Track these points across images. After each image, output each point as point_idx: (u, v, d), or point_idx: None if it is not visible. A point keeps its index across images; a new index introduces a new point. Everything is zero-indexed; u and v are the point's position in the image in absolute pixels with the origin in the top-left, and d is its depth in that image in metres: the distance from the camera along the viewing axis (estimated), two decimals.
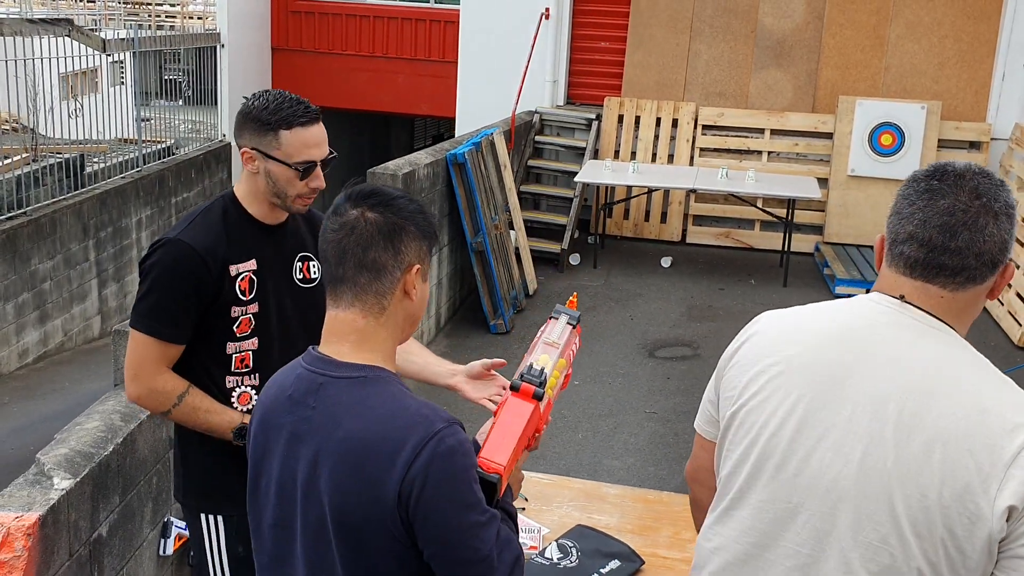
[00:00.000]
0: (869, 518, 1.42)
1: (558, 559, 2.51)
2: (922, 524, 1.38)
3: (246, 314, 2.27)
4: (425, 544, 1.50)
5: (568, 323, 1.92)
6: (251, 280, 2.27)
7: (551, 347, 1.84)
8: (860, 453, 1.42)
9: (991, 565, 1.38)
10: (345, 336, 1.59)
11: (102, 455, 2.90)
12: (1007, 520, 1.35)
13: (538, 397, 1.70)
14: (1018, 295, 6.97)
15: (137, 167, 9.02)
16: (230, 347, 2.27)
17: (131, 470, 3.11)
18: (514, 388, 1.71)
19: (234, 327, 2.26)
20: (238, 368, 2.29)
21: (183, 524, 3.49)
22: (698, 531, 1.77)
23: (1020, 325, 6.77)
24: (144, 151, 9.23)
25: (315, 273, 2.39)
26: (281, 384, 1.64)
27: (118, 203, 8.59)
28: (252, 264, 2.27)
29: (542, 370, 1.76)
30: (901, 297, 1.50)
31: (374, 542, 1.51)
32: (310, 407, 1.56)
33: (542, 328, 1.90)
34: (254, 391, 2.31)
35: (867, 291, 7.18)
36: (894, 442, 1.40)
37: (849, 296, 7.19)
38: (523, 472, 1.80)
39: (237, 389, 2.31)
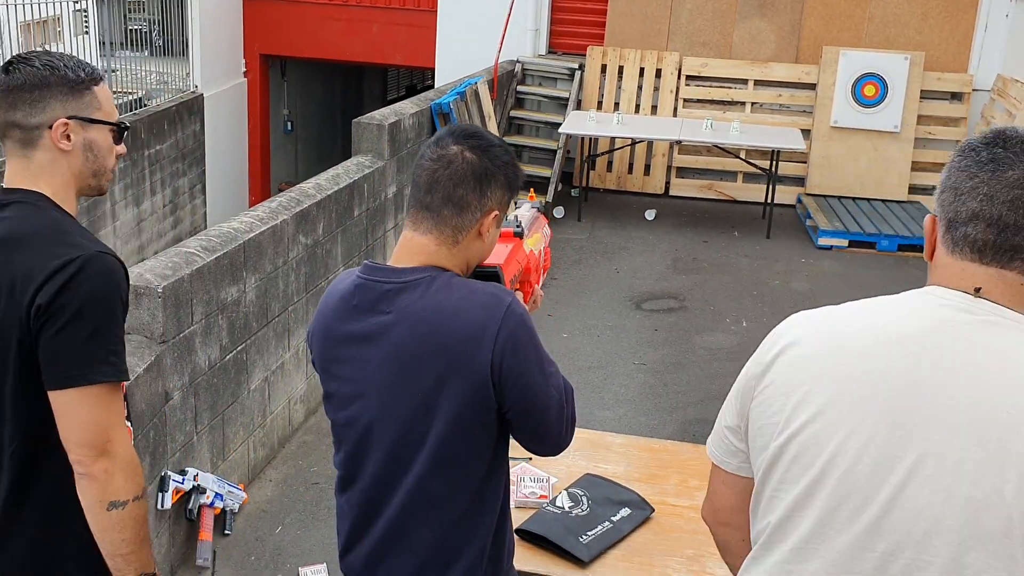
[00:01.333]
0: (986, 562, 1.18)
1: (569, 507, 2.51)
2: None
3: None
4: (515, 402, 1.71)
5: (531, 207, 2.22)
6: None
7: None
8: (968, 485, 1.19)
9: None
10: (415, 256, 1.74)
11: None
12: None
13: (518, 235, 1.98)
14: None
15: None
16: None
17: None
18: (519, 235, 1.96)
19: None
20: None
21: (180, 478, 3.45)
22: None
23: None
24: (114, 103, 9.01)
25: None
26: (341, 295, 1.78)
27: None
28: None
29: (516, 217, 2.06)
30: (976, 291, 1.27)
31: (467, 417, 1.70)
32: (383, 312, 1.71)
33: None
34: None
35: (850, 243, 7.26)
36: (1010, 467, 1.18)
37: (832, 248, 7.26)
38: None
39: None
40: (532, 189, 2.60)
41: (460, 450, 1.73)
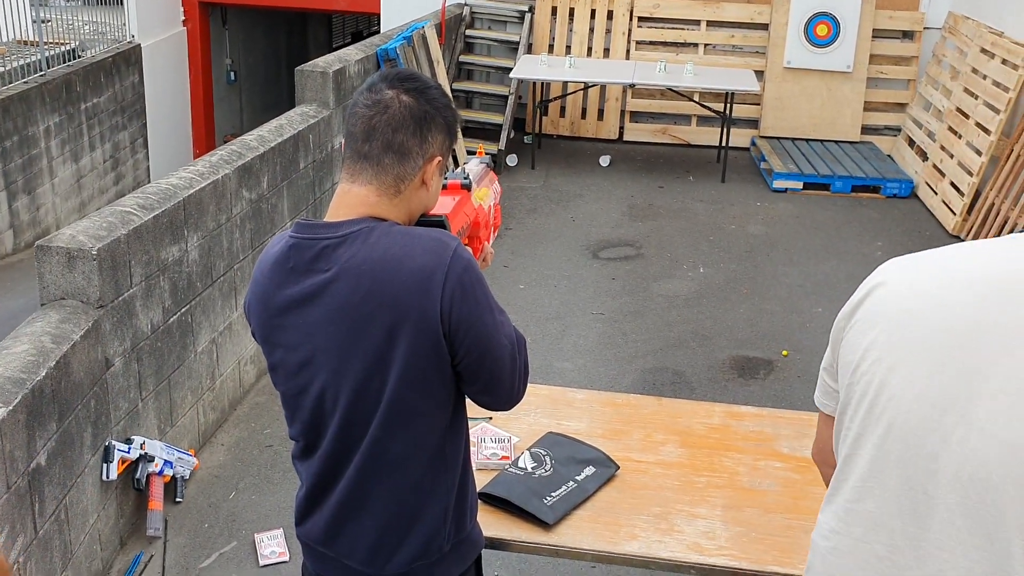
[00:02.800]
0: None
1: (532, 468, 2.43)
2: None
3: None
4: (467, 352, 1.62)
5: (480, 163, 2.12)
6: None
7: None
8: (1018, 433, 1.14)
9: None
10: (353, 209, 1.62)
11: (34, 380, 2.70)
12: None
13: (466, 187, 1.90)
14: (952, 185, 7.04)
15: (41, 71, 8.42)
16: None
17: (67, 394, 2.90)
18: (443, 187, 1.84)
19: None
20: None
21: (126, 447, 3.32)
22: None
23: (953, 214, 6.85)
24: (47, 54, 8.61)
25: None
26: (275, 258, 1.66)
27: (23, 110, 8.03)
28: None
29: (463, 169, 1.99)
30: None
31: (422, 370, 1.61)
32: (322, 270, 1.61)
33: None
34: None
35: (804, 185, 7.20)
36: None
37: (786, 191, 7.21)
38: None
39: None
40: (481, 145, 2.53)
41: (417, 407, 1.66)
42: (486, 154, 2.27)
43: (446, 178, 1.86)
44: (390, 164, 1.62)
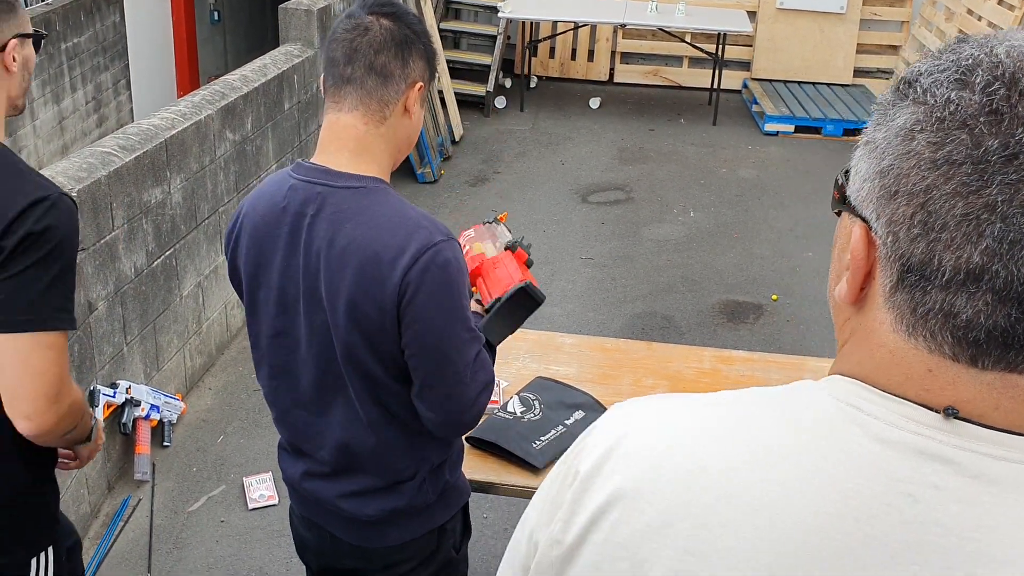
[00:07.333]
0: None
1: (521, 412, 2.41)
2: None
3: None
4: (407, 346, 1.57)
5: (502, 226, 2.11)
6: None
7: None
8: None
9: None
10: (345, 143, 1.61)
11: None
12: None
13: (528, 264, 1.96)
14: None
15: None
16: None
17: None
18: (511, 248, 1.93)
19: None
20: None
21: (111, 392, 3.29)
22: None
23: None
24: None
25: None
26: (271, 196, 1.64)
27: None
28: None
29: (529, 245, 2.02)
30: (948, 412, 0.65)
31: (380, 342, 1.57)
32: (310, 216, 1.59)
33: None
34: None
35: (796, 128, 7.02)
36: None
37: (778, 134, 6.97)
38: None
39: None
40: (505, 213, 2.46)
41: (384, 379, 1.63)
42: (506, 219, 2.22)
43: (518, 243, 1.94)
44: (373, 87, 1.59)
